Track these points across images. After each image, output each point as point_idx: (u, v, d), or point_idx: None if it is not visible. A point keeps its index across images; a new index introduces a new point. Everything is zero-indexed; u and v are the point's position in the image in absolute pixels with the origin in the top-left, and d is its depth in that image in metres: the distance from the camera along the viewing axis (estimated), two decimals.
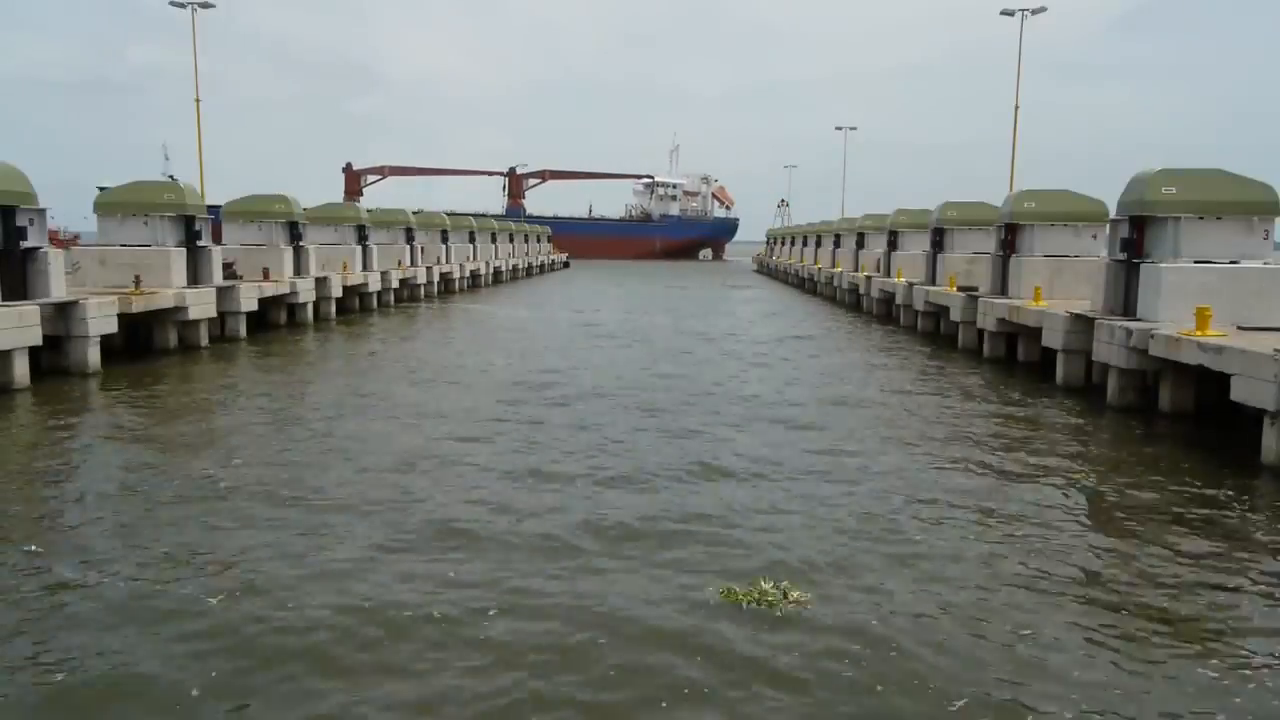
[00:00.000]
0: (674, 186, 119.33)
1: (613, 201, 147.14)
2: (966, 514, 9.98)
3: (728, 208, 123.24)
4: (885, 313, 34.21)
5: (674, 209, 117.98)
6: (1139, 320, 16.48)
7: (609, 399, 16.61)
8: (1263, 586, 8.02)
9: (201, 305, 23.22)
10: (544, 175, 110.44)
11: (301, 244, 31.46)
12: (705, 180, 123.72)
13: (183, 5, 39.94)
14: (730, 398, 16.95)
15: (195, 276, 24.46)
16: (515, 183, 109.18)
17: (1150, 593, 7.84)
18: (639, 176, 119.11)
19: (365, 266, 36.87)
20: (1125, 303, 17.57)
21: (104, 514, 9.68)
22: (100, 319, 19.01)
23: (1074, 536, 9.26)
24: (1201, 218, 16.96)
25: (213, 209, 28.21)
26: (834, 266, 46.70)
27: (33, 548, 8.63)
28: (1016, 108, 41.24)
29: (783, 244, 75.49)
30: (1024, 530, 9.45)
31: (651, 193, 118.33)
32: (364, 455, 12.29)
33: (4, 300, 17.52)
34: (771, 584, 7.74)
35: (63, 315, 18.49)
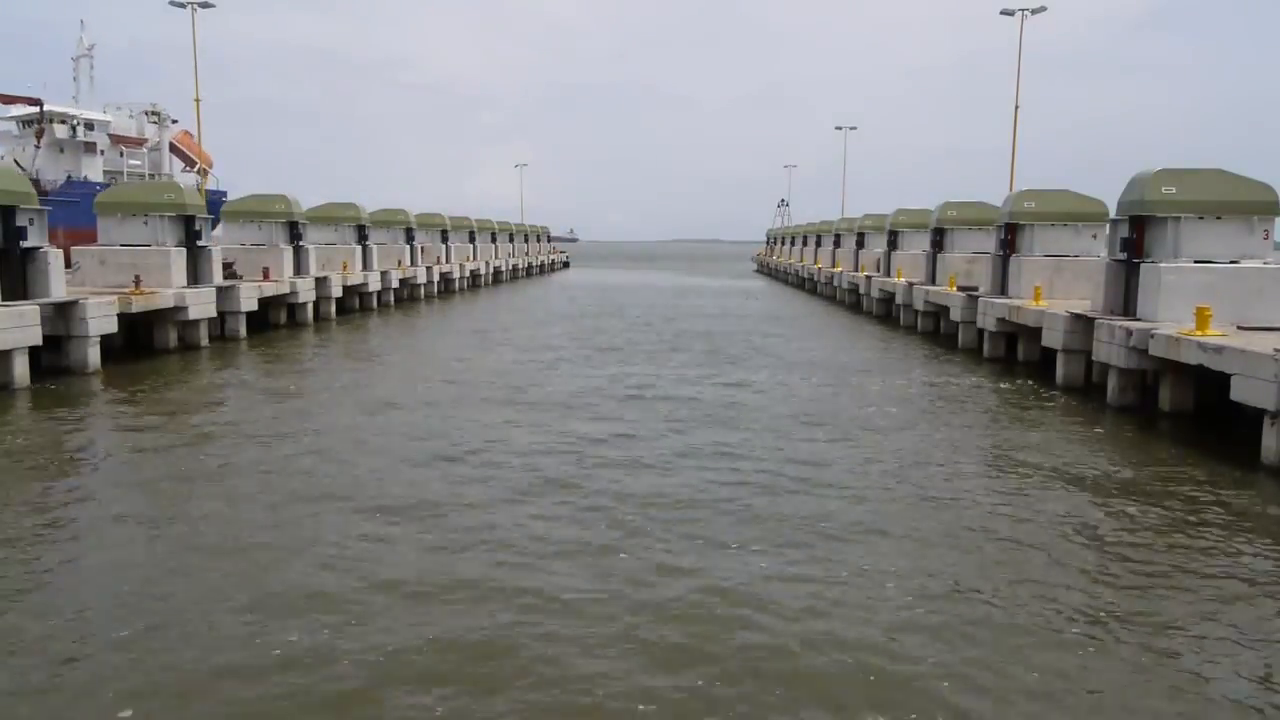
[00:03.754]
0: (90, 127, 58.75)
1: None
2: (965, 513, 9.97)
3: (202, 171, 58.52)
4: (885, 312, 34.21)
5: (94, 169, 57.62)
6: (1139, 320, 16.48)
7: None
8: (1263, 586, 8.02)
9: (201, 305, 23.22)
10: None
11: (301, 244, 31.50)
12: (155, 117, 64.85)
13: (183, 5, 39.92)
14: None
15: (195, 276, 24.46)
16: None
17: (1150, 592, 7.84)
18: (19, 99, 55.83)
19: (365, 266, 36.89)
20: (1125, 303, 17.57)
21: (104, 513, 9.69)
22: (100, 319, 19.02)
23: (1073, 535, 9.25)
24: (1201, 218, 16.97)
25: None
26: (834, 266, 46.70)
27: (33, 547, 8.64)
28: (1016, 108, 41.35)
29: (783, 244, 75.52)
30: (1024, 529, 9.44)
31: (47, 136, 56.06)
32: (357, 455, 12.30)
33: (4, 300, 17.53)
34: None
35: (63, 315, 18.49)
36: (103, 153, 59.18)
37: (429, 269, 43.88)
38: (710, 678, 6.28)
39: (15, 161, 49.60)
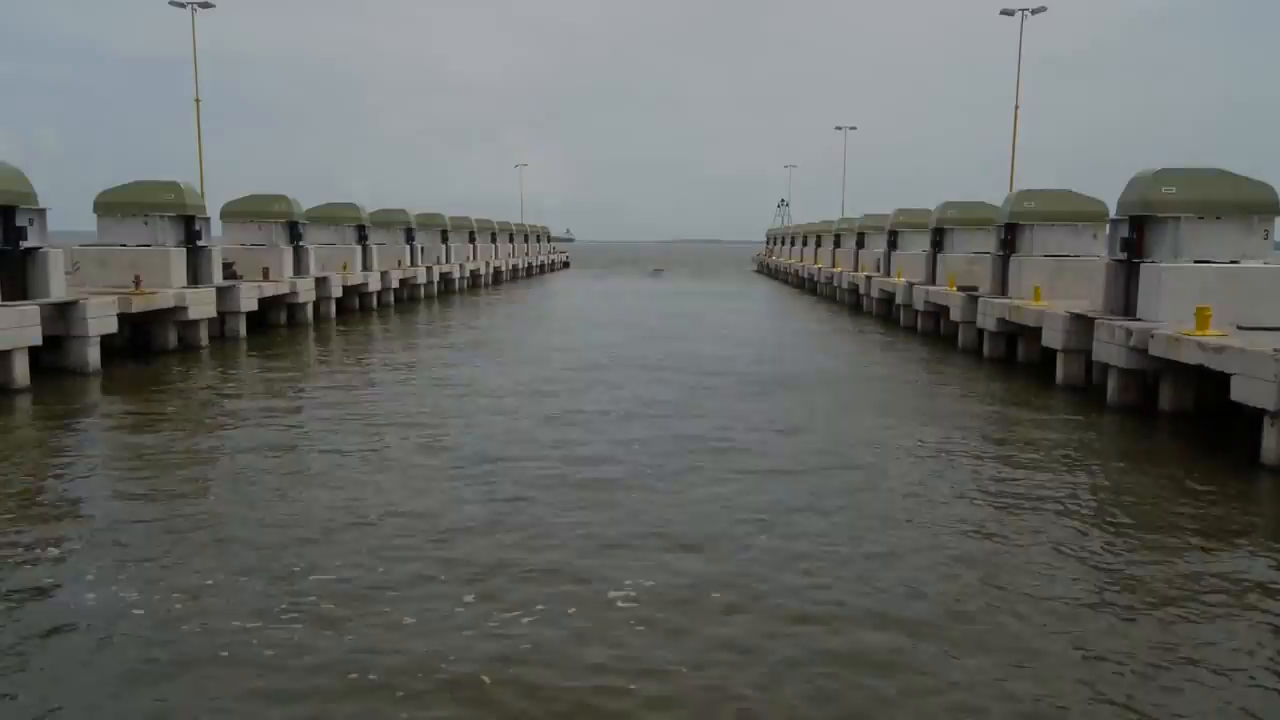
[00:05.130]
0: None
1: None
2: (966, 513, 9.98)
3: None
4: (885, 313, 34.21)
5: None
6: (1139, 320, 16.48)
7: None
8: (1262, 586, 8.01)
9: (201, 305, 23.23)
10: None
11: (301, 244, 31.50)
12: None
13: (182, 5, 39.87)
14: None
15: (195, 276, 24.47)
16: None
17: (1149, 592, 7.84)
18: None
19: (365, 266, 36.87)
20: (1125, 303, 17.57)
21: (104, 513, 9.69)
22: (100, 319, 19.02)
23: (1073, 536, 9.25)
24: (1201, 218, 16.98)
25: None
26: (834, 266, 46.69)
27: (32, 549, 8.64)
28: (1017, 108, 41.37)
29: (783, 244, 75.52)
30: (1025, 529, 9.44)
31: None
32: (353, 456, 12.30)
33: (4, 300, 17.52)
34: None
35: (63, 315, 18.49)
36: None
37: (429, 269, 43.84)
38: None
39: None
